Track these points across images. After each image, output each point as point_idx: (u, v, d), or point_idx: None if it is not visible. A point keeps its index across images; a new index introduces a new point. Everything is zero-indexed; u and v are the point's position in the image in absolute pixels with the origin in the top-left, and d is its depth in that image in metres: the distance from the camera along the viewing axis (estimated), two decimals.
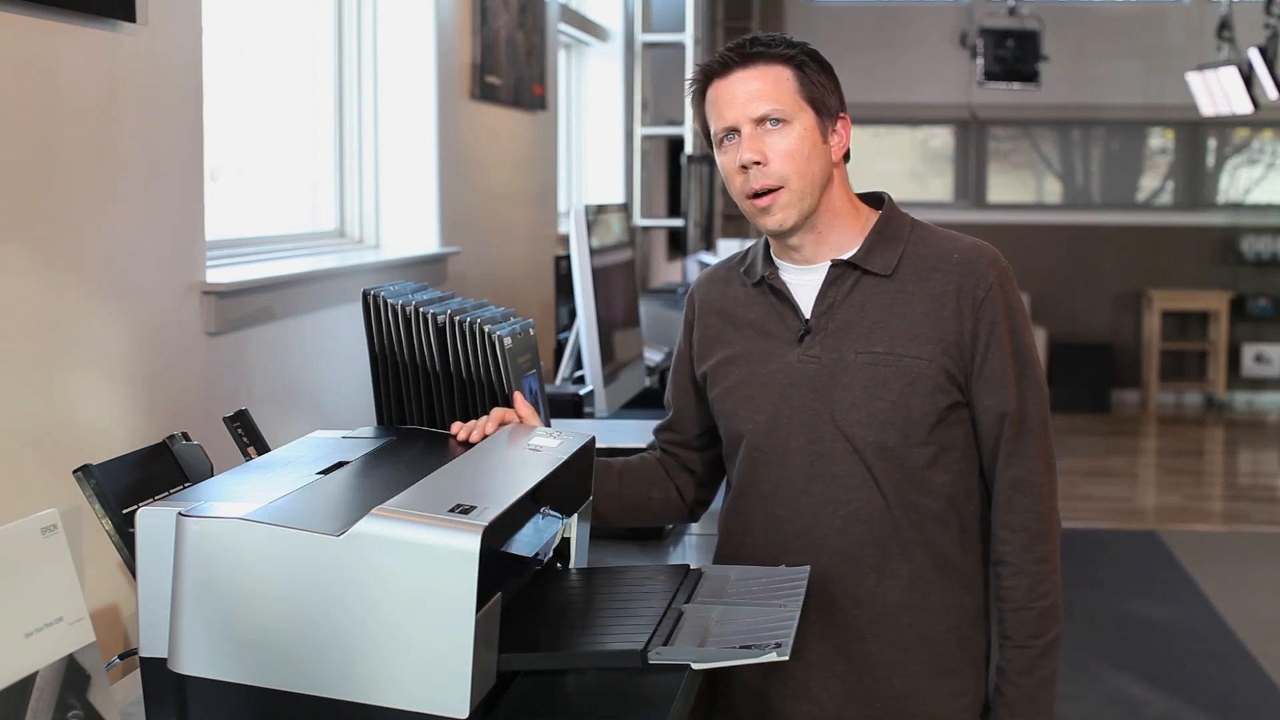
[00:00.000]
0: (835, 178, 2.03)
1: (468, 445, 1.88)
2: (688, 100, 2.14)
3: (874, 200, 2.10)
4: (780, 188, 1.97)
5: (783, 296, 2.05)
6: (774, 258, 2.09)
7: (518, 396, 2.01)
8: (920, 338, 1.98)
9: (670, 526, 2.58)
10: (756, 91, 1.97)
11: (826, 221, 2.03)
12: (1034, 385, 2.00)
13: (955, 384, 1.98)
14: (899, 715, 2.02)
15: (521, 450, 1.81)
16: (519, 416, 1.98)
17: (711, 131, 2.02)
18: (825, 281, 2.03)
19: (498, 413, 1.96)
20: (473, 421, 1.94)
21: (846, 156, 2.05)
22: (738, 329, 2.09)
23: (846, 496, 1.99)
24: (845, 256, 2.03)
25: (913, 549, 2.00)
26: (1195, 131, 10.58)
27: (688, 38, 6.93)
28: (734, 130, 1.99)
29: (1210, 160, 10.76)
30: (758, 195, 1.98)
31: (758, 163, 1.96)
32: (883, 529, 1.99)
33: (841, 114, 2.03)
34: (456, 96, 4.05)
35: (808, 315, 2.03)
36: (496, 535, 1.49)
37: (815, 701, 2.03)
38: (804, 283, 2.05)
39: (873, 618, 2.01)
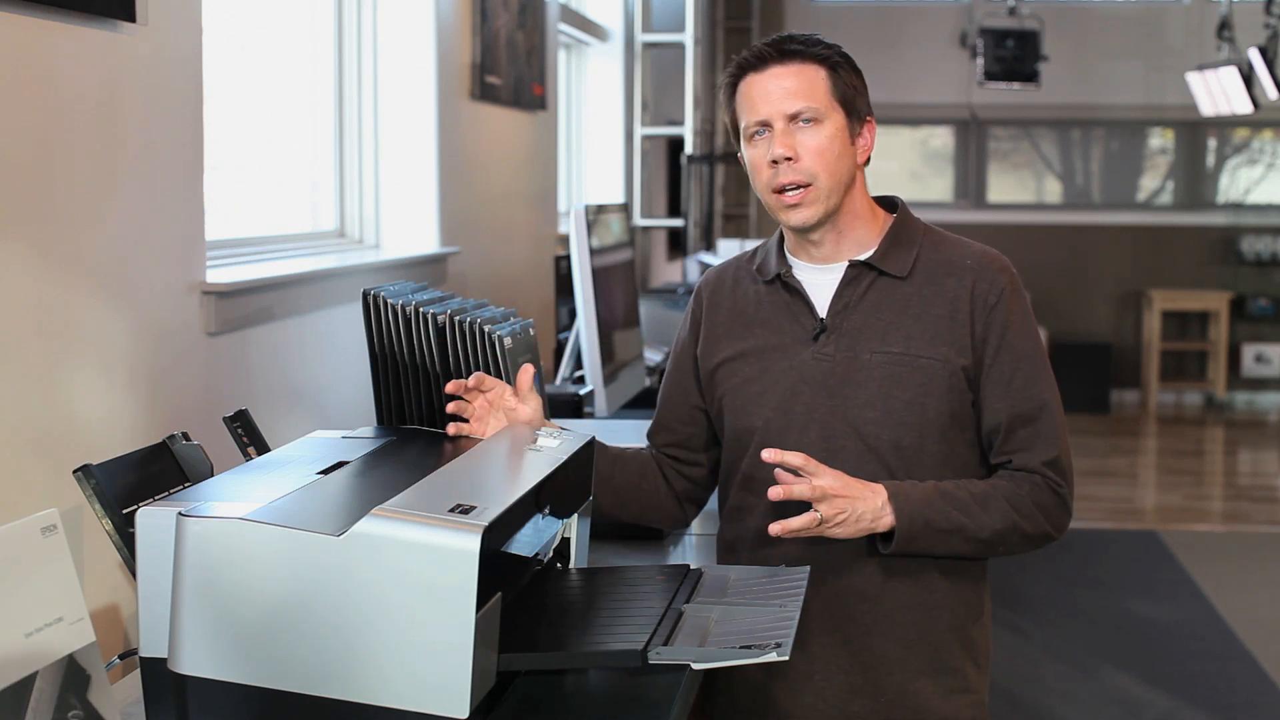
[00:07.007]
0: (857, 180, 2.05)
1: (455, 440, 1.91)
2: (688, 100, 2.14)
3: (886, 204, 2.12)
4: (809, 184, 1.99)
5: (797, 294, 2.07)
6: (789, 256, 2.09)
7: (523, 378, 2.02)
8: (935, 339, 2.00)
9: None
10: (791, 89, 1.98)
11: (847, 221, 2.05)
12: (1049, 383, 2.03)
13: (968, 384, 2.00)
14: (902, 710, 2.03)
15: (522, 450, 1.81)
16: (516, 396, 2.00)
17: (741, 125, 2.04)
18: (842, 281, 2.05)
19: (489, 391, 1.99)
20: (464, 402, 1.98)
21: (867, 161, 2.07)
22: (748, 326, 2.10)
23: None
24: (862, 257, 2.05)
25: None
26: (1195, 131, 10.57)
27: (688, 38, 6.93)
28: (766, 125, 2.00)
29: (1210, 160, 10.76)
30: (784, 190, 1.99)
31: (789, 159, 1.98)
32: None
33: (869, 118, 2.05)
34: (456, 96, 4.05)
35: (823, 314, 2.04)
36: (496, 535, 1.49)
37: (820, 694, 2.03)
38: (819, 282, 2.06)
39: (878, 613, 2.02)
